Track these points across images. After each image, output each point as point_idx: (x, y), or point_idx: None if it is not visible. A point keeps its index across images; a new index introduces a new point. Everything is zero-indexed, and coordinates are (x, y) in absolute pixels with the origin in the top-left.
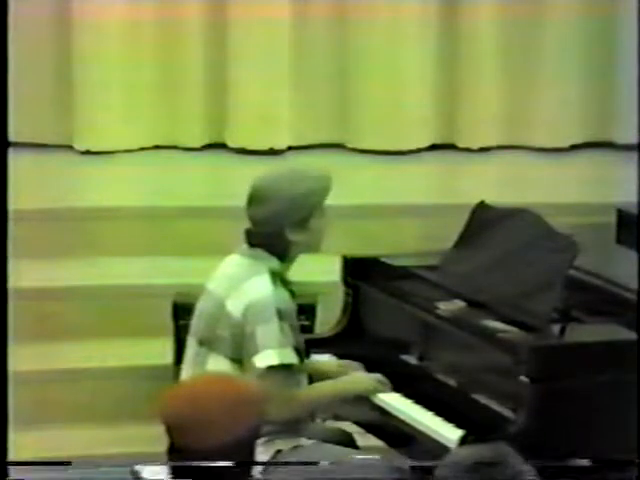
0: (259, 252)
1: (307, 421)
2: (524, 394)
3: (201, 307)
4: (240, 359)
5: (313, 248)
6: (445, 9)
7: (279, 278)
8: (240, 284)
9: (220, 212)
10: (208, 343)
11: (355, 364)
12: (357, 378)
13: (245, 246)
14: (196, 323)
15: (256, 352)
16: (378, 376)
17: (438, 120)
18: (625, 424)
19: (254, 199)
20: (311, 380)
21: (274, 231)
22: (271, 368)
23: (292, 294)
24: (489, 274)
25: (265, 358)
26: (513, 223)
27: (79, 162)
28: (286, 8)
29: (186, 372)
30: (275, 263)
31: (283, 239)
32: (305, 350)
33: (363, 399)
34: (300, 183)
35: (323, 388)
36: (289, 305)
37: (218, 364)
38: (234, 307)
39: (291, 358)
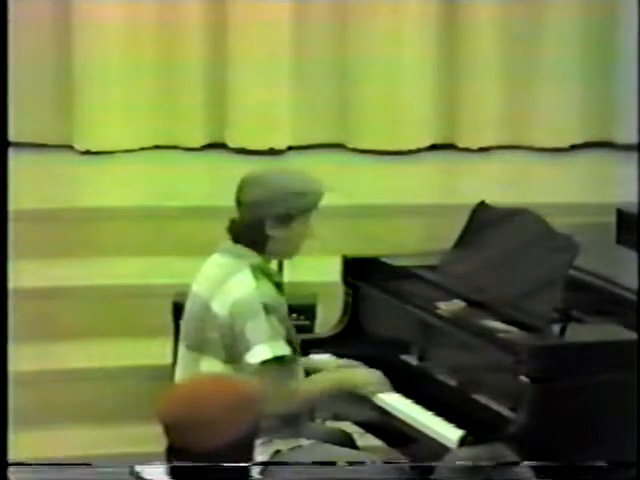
0: (239, 248)
1: (306, 418)
2: (524, 394)
3: (188, 310)
4: (233, 360)
5: (287, 253)
6: (445, 9)
7: (261, 272)
8: (223, 284)
9: (220, 212)
10: (199, 348)
11: (355, 363)
12: (356, 372)
13: (225, 244)
14: (185, 327)
15: (248, 349)
16: (377, 373)
17: (438, 120)
18: (625, 424)
19: (243, 185)
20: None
21: (254, 220)
22: (265, 363)
23: (279, 287)
24: (489, 274)
25: (257, 354)
26: (513, 223)
27: (79, 162)
28: (286, 8)
29: (179, 377)
30: (255, 258)
31: (261, 231)
32: (300, 343)
33: (363, 399)
34: (293, 180)
35: (320, 380)
36: (275, 298)
37: (212, 368)
38: (220, 307)
39: (283, 350)
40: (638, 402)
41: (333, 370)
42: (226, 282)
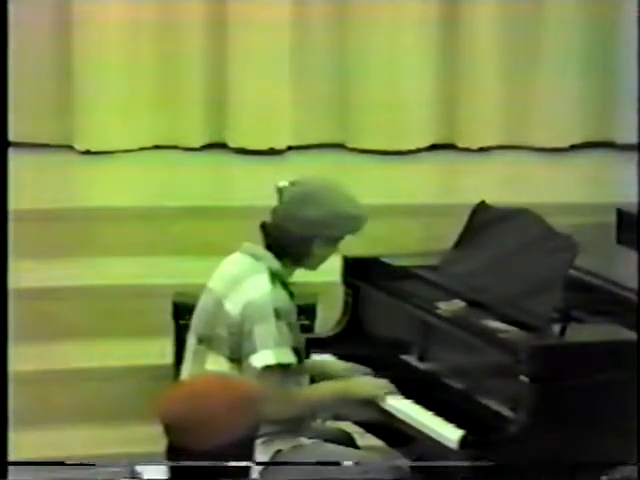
0: (262, 251)
1: (309, 421)
2: (524, 394)
3: (201, 305)
4: (238, 358)
5: (316, 266)
6: (445, 9)
7: (278, 279)
8: (239, 283)
9: (220, 212)
10: (207, 341)
11: (362, 368)
12: (361, 381)
13: (247, 244)
14: (196, 321)
15: (254, 351)
16: (384, 381)
17: (438, 120)
18: (625, 424)
19: (296, 198)
20: (313, 381)
21: (304, 237)
22: (268, 367)
23: (291, 295)
24: (489, 274)
25: (262, 357)
26: (513, 223)
27: (79, 162)
28: (286, 8)
29: (186, 369)
30: (276, 264)
31: (307, 248)
32: (306, 351)
33: (364, 400)
34: (346, 203)
35: (325, 389)
36: (287, 305)
37: (217, 363)
38: (232, 306)
39: (288, 358)
40: (638, 402)
41: (338, 374)
42: (243, 282)
